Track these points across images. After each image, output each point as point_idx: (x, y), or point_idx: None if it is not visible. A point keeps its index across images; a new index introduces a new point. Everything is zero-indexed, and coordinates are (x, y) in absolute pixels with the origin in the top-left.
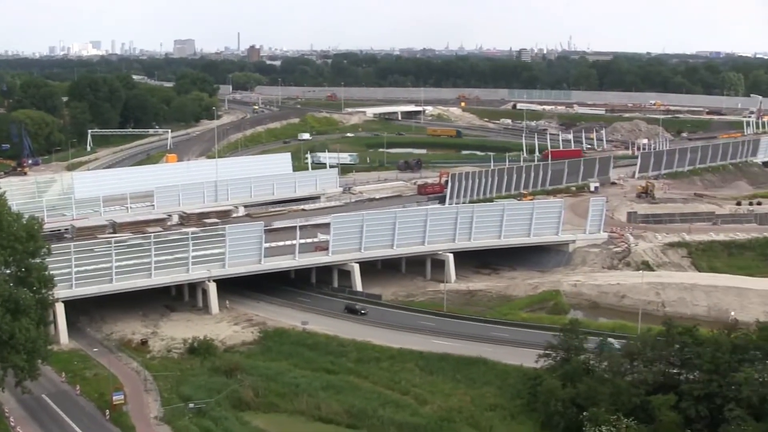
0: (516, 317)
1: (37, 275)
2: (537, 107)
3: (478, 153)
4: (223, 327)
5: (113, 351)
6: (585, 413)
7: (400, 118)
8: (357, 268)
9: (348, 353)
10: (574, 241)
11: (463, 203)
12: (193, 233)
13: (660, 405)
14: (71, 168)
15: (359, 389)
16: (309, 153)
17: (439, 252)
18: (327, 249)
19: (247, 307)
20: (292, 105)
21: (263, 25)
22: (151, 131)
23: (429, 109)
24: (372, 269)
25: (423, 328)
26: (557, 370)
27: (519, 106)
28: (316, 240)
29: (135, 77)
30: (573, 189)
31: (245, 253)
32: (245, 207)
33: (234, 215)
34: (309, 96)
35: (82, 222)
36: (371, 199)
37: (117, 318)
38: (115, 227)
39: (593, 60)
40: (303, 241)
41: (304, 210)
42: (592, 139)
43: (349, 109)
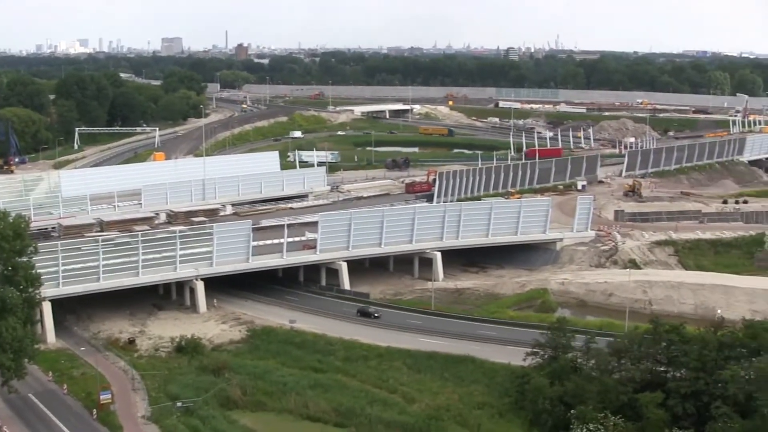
0: (504, 315)
1: (24, 274)
2: (518, 105)
3: (466, 151)
4: (211, 326)
5: (100, 350)
6: (573, 411)
7: (387, 116)
8: (345, 266)
9: (336, 352)
10: (561, 240)
11: (451, 202)
12: (181, 232)
13: (647, 403)
14: (58, 166)
15: (347, 388)
16: (290, 152)
17: (427, 250)
18: (315, 247)
19: (235, 306)
20: (279, 103)
21: (251, 24)
22: (139, 129)
23: (417, 108)
24: (360, 268)
25: (411, 326)
26: (545, 368)
27: (501, 104)
28: (303, 238)
29: (122, 75)
30: (560, 187)
31: (233, 252)
32: (233, 205)
33: (222, 214)
34: (297, 94)
35: (69, 220)
36: (359, 198)
37: (104, 317)
38: (103, 226)
39: (580, 59)
40: (291, 240)
41: (291, 208)
42: (579, 138)
43: (332, 107)
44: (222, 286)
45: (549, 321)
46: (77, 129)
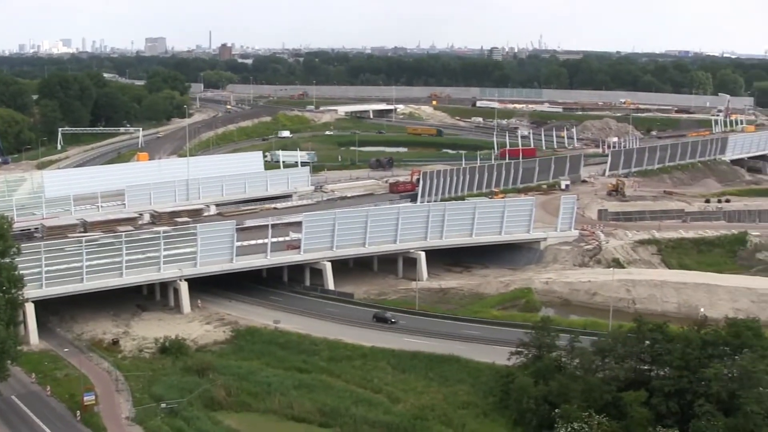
0: (488, 315)
1: (7, 275)
2: (496, 105)
3: (450, 151)
4: (195, 326)
5: (84, 351)
6: (557, 410)
7: (371, 116)
8: (329, 266)
9: (320, 352)
10: (545, 239)
11: (435, 201)
12: (165, 232)
13: (631, 401)
14: (41, 167)
15: (331, 388)
16: (267, 152)
17: (411, 250)
18: (299, 248)
19: (219, 306)
20: (260, 103)
21: (235, 24)
22: (122, 130)
23: (400, 108)
24: (344, 268)
25: (395, 326)
26: (529, 367)
27: (478, 104)
28: (287, 239)
29: (106, 75)
30: (544, 187)
31: (217, 252)
32: (217, 206)
33: (205, 214)
34: (281, 94)
35: (52, 221)
36: (343, 198)
37: (88, 318)
38: (86, 226)
39: (564, 59)
40: (275, 240)
41: (275, 208)
42: (562, 138)
43: (311, 107)
44: (206, 286)
45: (533, 320)
46: (60, 129)
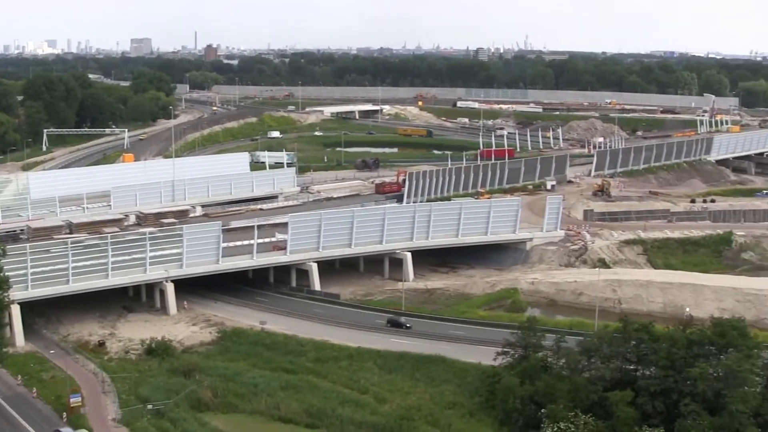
0: (474, 315)
1: None
2: (476, 105)
3: (441, 152)
4: (181, 327)
5: (70, 353)
6: (543, 410)
7: (357, 117)
8: (315, 267)
9: (306, 353)
10: (531, 239)
11: (421, 202)
12: (151, 233)
13: (617, 401)
14: (27, 168)
15: (318, 389)
16: (250, 152)
17: (397, 251)
18: (285, 248)
19: (205, 308)
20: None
21: (220, 25)
22: (108, 131)
23: (386, 108)
24: (330, 268)
25: (381, 326)
26: (515, 367)
27: (459, 104)
28: (273, 239)
29: (91, 76)
30: (530, 187)
31: (203, 253)
32: (203, 207)
33: (191, 215)
34: (266, 95)
35: (37, 222)
36: (329, 198)
37: (74, 319)
38: (72, 228)
39: (549, 59)
40: (261, 241)
41: (261, 209)
42: (548, 138)
43: (292, 107)
44: (192, 287)
45: (519, 320)
46: (45, 130)
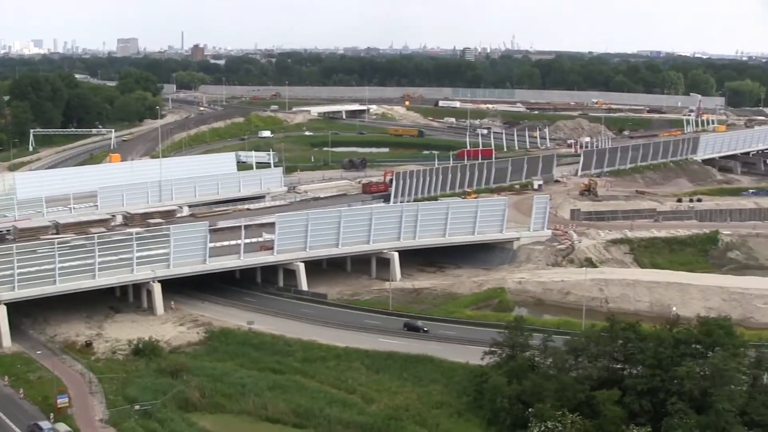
0: (461, 315)
1: None
2: (458, 105)
3: (426, 152)
4: (169, 328)
5: (57, 353)
6: (531, 409)
7: (344, 117)
8: (302, 267)
9: (294, 353)
10: (518, 239)
11: (408, 202)
12: (137, 234)
13: (604, 400)
14: (13, 168)
15: (306, 389)
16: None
17: (384, 250)
18: (272, 248)
19: (193, 308)
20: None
21: (207, 24)
22: (94, 131)
23: (373, 108)
24: (317, 268)
25: (369, 326)
26: (503, 366)
27: (441, 104)
28: (261, 239)
29: (78, 76)
30: (517, 187)
31: (190, 254)
32: (189, 207)
33: (178, 215)
34: (252, 95)
35: (24, 223)
36: (316, 198)
37: (61, 320)
38: (58, 228)
39: (536, 59)
40: (248, 241)
41: (248, 209)
42: (535, 138)
43: (275, 107)
44: (179, 287)
45: (506, 320)
46: (32, 130)
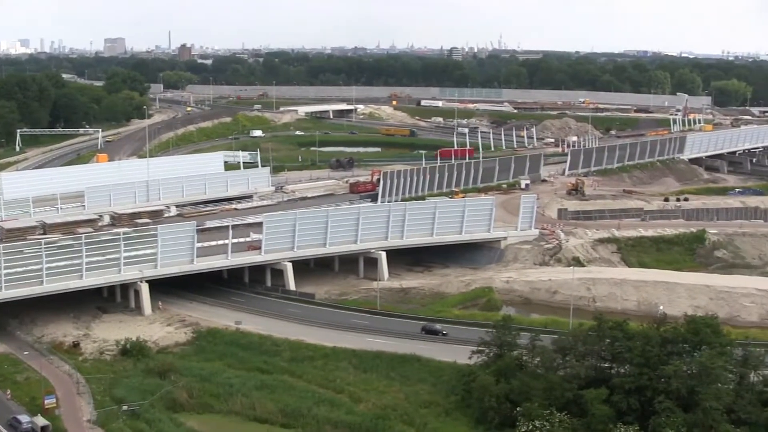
0: (449, 314)
1: None
2: (440, 104)
3: (418, 152)
4: (156, 328)
5: (44, 354)
6: (519, 408)
7: (331, 116)
8: (290, 267)
9: (282, 352)
10: (505, 238)
11: (395, 201)
12: (125, 234)
13: (592, 399)
14: (0, 168)
15: (293, 388)
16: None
17: (372, 250)
18: (260, 248)
19: (180, 308)
20: (223, 104)
21: (194, 24)
22: (81, 131)
23: (360, 108)
24: (305, 268)
25: (356, 326)
26: (491, 366)
27: (423, 103)
28: (248, 239)
29: (65, 76)
30: (504, 186)
31: (177, 254)
32: (177, 207)
33: (166, 215)
34: (244, 95)
35: (11, 223)
36: (303, 198)
37: (48, 320)
38: (46, 228)
39: (523, 59)
40: (235, 241)
41: (236, 209)
42: (522, 137)
43: (257, 106)
44: (167, 287)
45: (494, 319)
46: (19, 131)
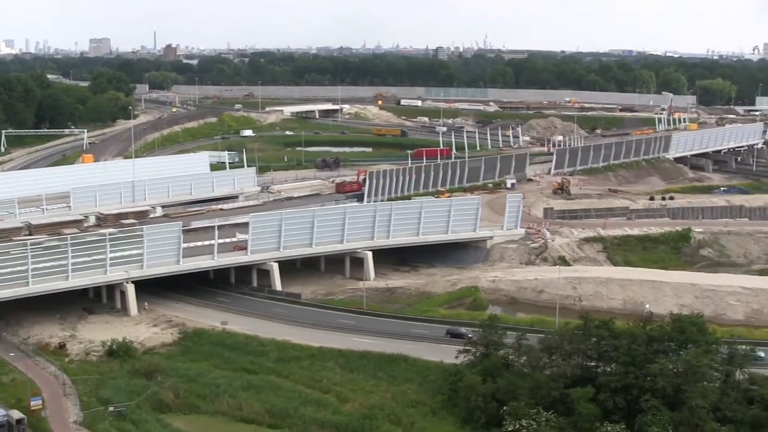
0: (435, 314)
1: None
2: (419, 103)
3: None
4: (142, 329)
5: (30, 355)
6: (505, 407)
7: (317, 116)
8: (276, 267)
9: (268, 353)
10: (491, 238)
11: (381, 201)
12: (111, 234)
13: (578, 398)
14: None
15: (280, 389)
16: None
17: (358, 250)
18: (246, 248)
19: (167, 308)
20: (208, 104)
21: (180, 24)
22: (67, 131)
23: (346, 108)
24: (291, 268)
25: (343, 326)
26: (477, 365)
27: (402, 102)
28: (234, 239)
29: (50, 77)
30: (490, 186)
31: (163, 254)
32: (163, 207)
33: (151, 216)
34: (226, 95)
35: None
36: (289, 198)
37: (34, 321)
38: (31, 229)
39: (509, 58)
40: (221, 241)
41: (222, 210)
42: (508, 136)
43: (239, 106)
44: (153, 288)
45: (480, 318)
46: (4, 131)
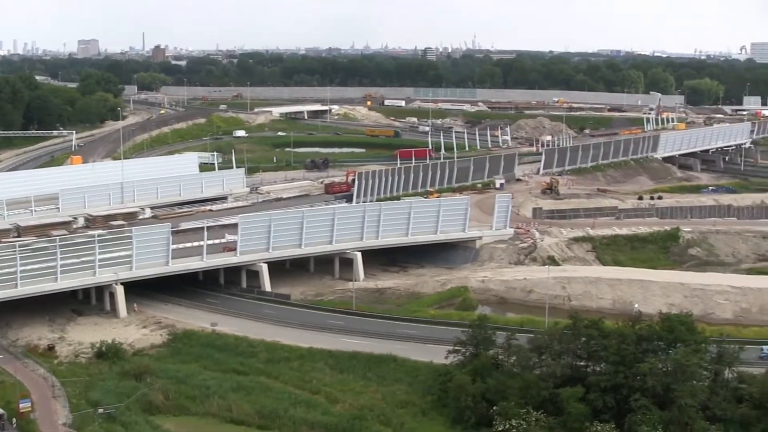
0: (425, 314)
1: None
2: (402, 104)
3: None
4: (132, 330)
5: (19, 357)
6: (495, 407)
7: (306, 117)
8: (265, 268)
9: (258, 354)
10: (480, 238)
11: (371, 202)
12: (100, 236)
13: (568, 397)
14: None
15: (270, 390)
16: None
17: (347, 251)
18: (235, 250)
19: (156, 310)
20: (197, 105)
21: (168, 25)
22: (55, 133)
23: (335, 108)
24: (280, 269)
25: (332, 327)
26: (467, 365)
27: (386, 102)
28: (223, 241)
29: (38, 78)
30: (479, 186)
31: (152, 255)
32: (152, 208)
33: (140, 217)
34: (215, 96)
35: None
36: (278, 199)
37: (23, 323)
38: (20, 231)
39: (497, 58)
40: (211, 242)
41: (211, 211)
42: (496, 137)
43: (224, 107)
44: (142, 290)
45: (470, 318)
46: None
